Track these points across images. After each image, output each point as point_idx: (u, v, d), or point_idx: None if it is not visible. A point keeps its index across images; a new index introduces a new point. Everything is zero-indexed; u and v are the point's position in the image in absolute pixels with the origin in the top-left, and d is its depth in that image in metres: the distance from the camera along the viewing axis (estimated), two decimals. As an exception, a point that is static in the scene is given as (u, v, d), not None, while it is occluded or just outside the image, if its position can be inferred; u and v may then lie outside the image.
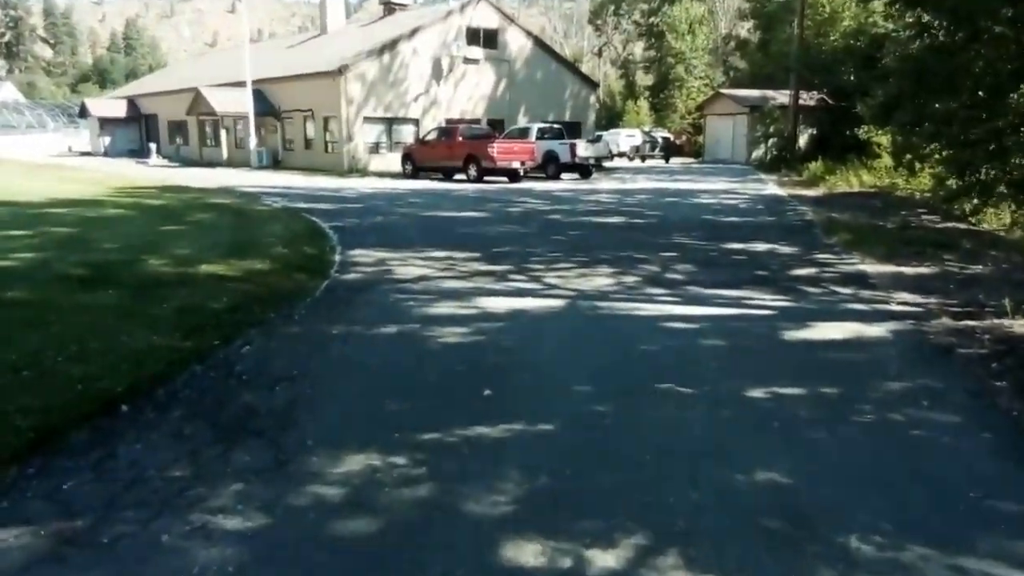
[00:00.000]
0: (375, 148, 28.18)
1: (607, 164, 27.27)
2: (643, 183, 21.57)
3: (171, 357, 4.38)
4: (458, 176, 22.80)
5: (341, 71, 26.63)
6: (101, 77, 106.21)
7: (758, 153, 38.28)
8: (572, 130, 29.14)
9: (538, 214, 12.67)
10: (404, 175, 24.43)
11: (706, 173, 26.75)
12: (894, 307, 6.05)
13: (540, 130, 24.99)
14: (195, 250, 7.82)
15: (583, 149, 24.04)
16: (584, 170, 24.38)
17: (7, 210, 11.07)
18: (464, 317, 5.58)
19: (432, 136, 24.12)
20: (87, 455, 3.22)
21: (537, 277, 7.18)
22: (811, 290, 6.69)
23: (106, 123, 43.36)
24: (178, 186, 18.33)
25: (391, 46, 28.00)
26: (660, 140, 41.63)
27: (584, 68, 47.58)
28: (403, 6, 35.98)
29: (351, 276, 7.14)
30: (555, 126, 26.44)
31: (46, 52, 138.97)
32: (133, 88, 53.11)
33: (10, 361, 4.05)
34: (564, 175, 24.43)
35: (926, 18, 9.76)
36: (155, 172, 25.84)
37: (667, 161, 40.92)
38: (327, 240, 9.32)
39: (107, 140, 43.07)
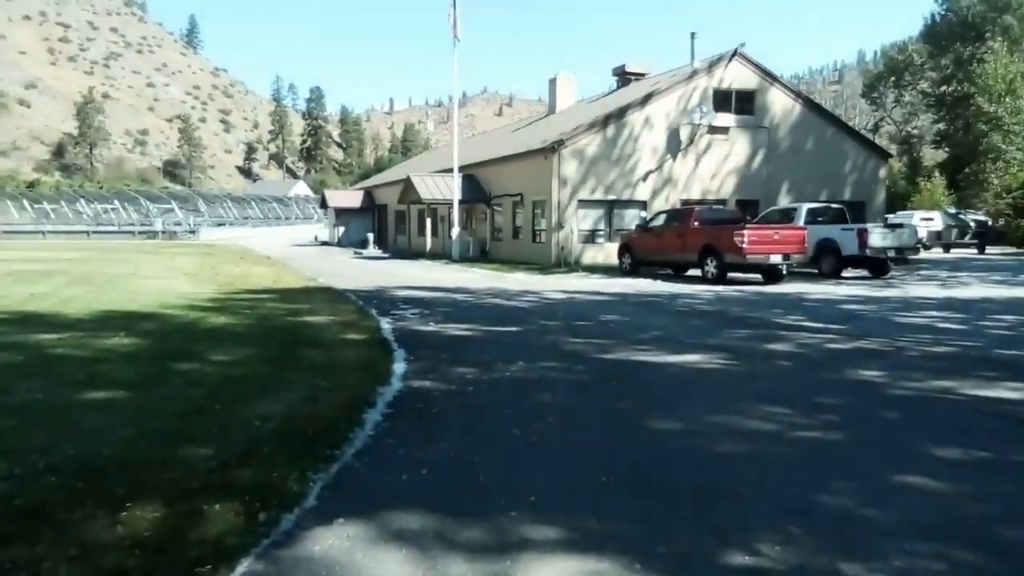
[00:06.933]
0: (590, 237, 25.18)
1: (911, 257, 21.32)
2: (987, 290, 15.43)
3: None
4: (692, 272, 18.81)
5: (555, 148, 24.33)
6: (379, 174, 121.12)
7: None
8: (854, 212, 23.82)
9: (868, 389, 6.05)
10: (621, 271, 20.90)
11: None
12: None
13: (811, 211, 20.13)
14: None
15: (879, 237, 18.56)
16: (878, 265, 19.09)
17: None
18: None
19: (659, 221, 20.10)
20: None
21: None
22: None
23: (342, 213, 46.68)
24: (315, 287, 16.32)
25: (618, 116, 25.30)
26: (972, 224, 34.81)
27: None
28: (640, 76, 33.31)
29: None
30: (833, 206, 21.43)
31: (338, 154, 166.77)
32: (372, 180, 57.04)
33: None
34: (847, 271, 19.47)
35: None
36: (339, 266, 25.00)
37: (981, 251, 34.01)
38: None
39: (341, 230, 46.16)
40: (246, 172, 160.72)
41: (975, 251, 33.77)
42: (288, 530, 3.34)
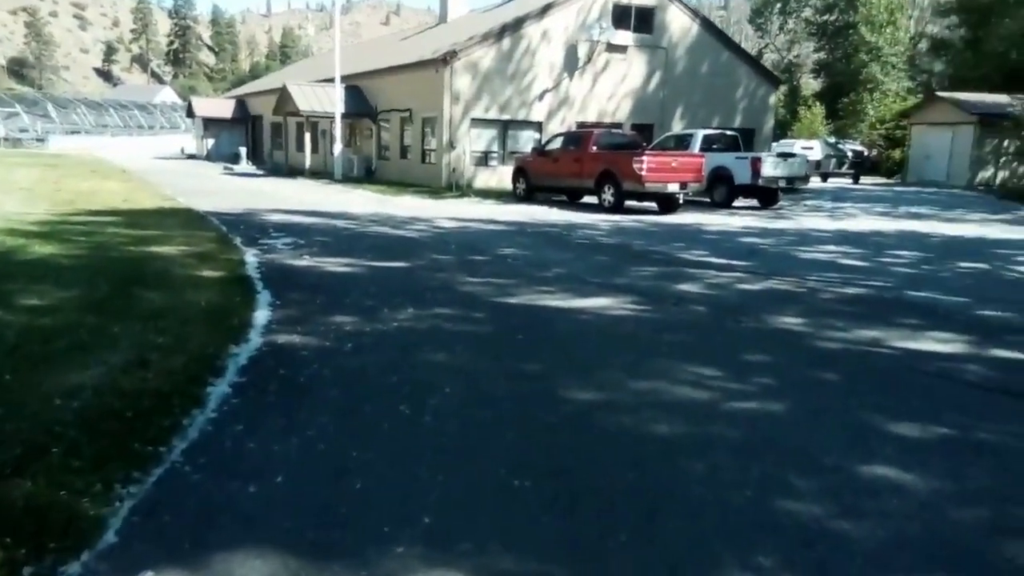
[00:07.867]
0: (483, 159, 24.04)
1: (801, 187, 21.16)
2: (874, 222, 15.68)
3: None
4: (588, 199, 18.18)
5: (447, 59, 22.78)
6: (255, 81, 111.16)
7: (985, 175, 32.81)
8: (744, 139, 23.34)
9: (794, 341, 5.49)
10: (515, 196, 20.04)
11: (949, 205, 20.48)
12: None
13: (707, 138, 19.75)
14: None
15: (771, 166, 18.39)
16: (769, 195, 18.99)
17: None
18: None
19: (555, 145, 19.21)
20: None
21: None
22: None
23: (211, 124, 42.97)
24: (172, 208, 14.73)
25: (514, 28, 23.91)
26: (850, 154, 35.96)
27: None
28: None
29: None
30: (727, 133, 21.01)
31: (209, 59, 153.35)
32: (246, 87, 52.71)
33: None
34: (737, 201, 19.19)
35: None
36: (204, 183, 23.24)
37: (856, 181, 35.35)
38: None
39: (211, 142, 42.57)
40: (105, 75, 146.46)
41: (850, 181, 35.02)
42: (66, 594, 2.29)
